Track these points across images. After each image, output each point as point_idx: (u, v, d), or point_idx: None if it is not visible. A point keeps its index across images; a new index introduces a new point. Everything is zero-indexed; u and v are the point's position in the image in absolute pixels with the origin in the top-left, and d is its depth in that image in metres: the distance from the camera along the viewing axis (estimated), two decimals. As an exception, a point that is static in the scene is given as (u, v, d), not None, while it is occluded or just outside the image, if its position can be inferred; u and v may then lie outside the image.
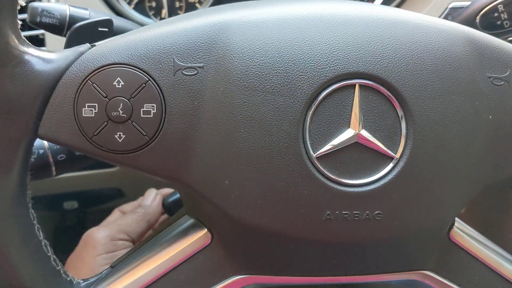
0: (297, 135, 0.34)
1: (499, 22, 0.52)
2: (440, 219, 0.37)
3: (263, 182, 0.34)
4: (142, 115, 0.34)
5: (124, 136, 0.34)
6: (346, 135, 0.34)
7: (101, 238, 0.54)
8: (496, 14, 0.52)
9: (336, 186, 0.34)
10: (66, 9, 0.45)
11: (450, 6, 0.71)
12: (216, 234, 0.38)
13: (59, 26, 0.44)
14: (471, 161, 0.37)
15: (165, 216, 0.64)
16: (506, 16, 0.52)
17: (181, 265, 0.37)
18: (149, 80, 0.34)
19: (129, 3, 0.77)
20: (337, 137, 0.34)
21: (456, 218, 0.41)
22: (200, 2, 0.79)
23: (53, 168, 0.46)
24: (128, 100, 0.34)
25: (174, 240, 0.38)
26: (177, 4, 0.79)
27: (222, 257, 0.38)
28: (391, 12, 0.36)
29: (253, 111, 0.34)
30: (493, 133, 0.38)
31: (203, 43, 0.34)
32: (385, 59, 0.34)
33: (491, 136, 0.37)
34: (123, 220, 0.58)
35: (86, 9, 0.47)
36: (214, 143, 0.34)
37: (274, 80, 0.34)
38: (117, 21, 0.45)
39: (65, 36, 0.44)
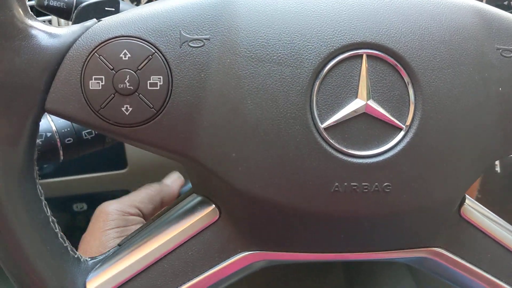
0: (304, 106, 0.33)
1: (506, 2, 0.52)
2: (450, 193, 0.37)
3: (270, 154, 0.34)
4: (148, 87, 0.34)
5: (131, 108, 0.34)
6: (354, 105, 0.34)
7: (112, 212, 0.53)
8: (503, -4, 0.52)
9: (344, 157, 0.34)
10: (73, -8, 0.45)
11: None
12: (224, 210, 0.37)
13: (66, 10, 0.44)
14: (481, 134, 0.36)
15: None
16: (513, -2, 0.52)
17: (189, 241, 0.37)
18: (156, 52, 0.34)
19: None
20: (344, 108, 0.34)
21: (467, 196, 0.41)
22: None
23: (61, 152, 0.46)
24: (135, 72, 0.34)
25: (181, 217, 0.38)
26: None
27: (231, 233, 0.37)
28: None
29: (259, 83, 0.33)
30: (502, 106, 0.37)
31: (209, 15, 0.34)
32: (393, 29, 0.34)
33: (501, 108, 0.37)
34: (137, 194, 0.57)
35: (93, -8, 0.47)
36: (221, 115, 0.34)
37: (280, 50, 0.33)
38: (123, 5, 0.45)
39: (71, 20, 0.44)
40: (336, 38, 0.34)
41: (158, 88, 0.34)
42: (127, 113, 0.34)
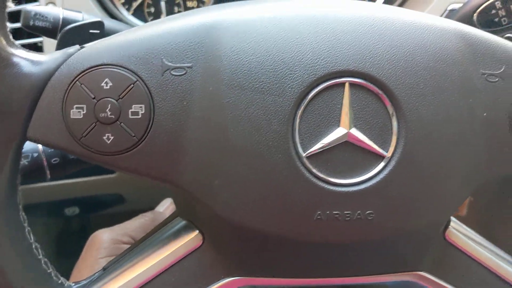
0: (286, 134, 0.33)
1: (496, 19, 0.52)
2: (434, 219, 0.36)
3: (253, 182, 0.34)
4: (130, 116, 0.34)
5: (112, 137, 0.34)
6: (336, 134, 0.34)
7: (105, 241, 0.53)
8: (493, 11, 0.52)
9: (326, 186, 0.34)
10: (59, 13, 0.45)
11: (449, 8, 0.71)
12: (207, 235, 0.37)
13: (52, 30, 0.44)
14: (466, 160, 0.36)
15: None
16: (503, 13, 0.52)
17: (172, 267, 0.37)
18: (137, 80, 0.34)
19: (128, 9, 0.78)
20: (327, 136, 0.34)
21: (452, 218, 0.41)
22: (198, 7, 0.79)
23: (48, 172, 0.46)
24: (116, 101, 0.33)
25: (166, 242, 0.38)
26: (176, 9, 0.79)
27: (214, 259, 0.37)
28: (382, 9, 0.36)
29: (242, 111, 0.33)
30: (488, 131, 0.37)
31: (191, 43, 0.34)
32: (375, 56, 0.34)
33: (486, 133, 0.37)
34: (130, 223, 0.57)
35: (79, 12, 0.47)
36: (203, 143, 0.34)
37: (263, 79, 0.33)
38: (109, 23, 0.45)
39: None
40: (318, 66, 0.33)
41: (139, 116, 0.34)
42: (108, 142, 0.34)
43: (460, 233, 0.40)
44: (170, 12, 0.79)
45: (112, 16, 0.75)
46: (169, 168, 0.34)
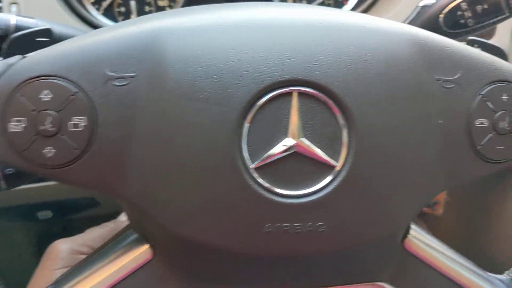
0: (233, 145, 0.32)
1: (463, 21, 0.51)
2: (388, 230, 0.36)
3: (200, 195, 0.33)
4: (71, 128, 0.33)
5: (54, 150, 0.33)
6: (285, 144, 0.33)
7: (62, 251, 0.52)
8: (459, 13, 0.51)
9: (275, 198, 0.33)
10: (10, 19, 0.44)
11: (421, 4, 0.70)
12: (158, 249, 0.36)
13: (3, 37, 0.43)
14: (421, 169, 0.35)
15: None
16: (470, 14, 0.51)
17: (122, 282, 0.36)
18: (79, 91, 0.32)
19: (98, 9, 0.76)
20: (275, 147, 0.33)
21: (413, 226, 0.40)
22: (170, 6, 0.78)
23: (2, 182, 0.45)
24: (57, 113, 0.32)
25: (117, 255, 0.37)
26: (147, 8, 0.78)
27: (165, 273, 0.36)
28: (331, 15, 0.35)
29: (187, 121, 0.32)
30: (444, 138, 0.36)
31: (134, 52, 0.33)
32: (324, 64, 0.33)
33: (442, 141, 0.36)
34: (90, 233, 0.55)
35: (33, 18, 0.45)
36: (148, 155, 0.33)
37: (208, 88, 0.32)
38: (60, 29, 0.43)
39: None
40: (265, 75, 0.32)
41: (81, 128, 0.33)
42: (50, 155, 0.33)
43: (420, 241, 0.40)
44: (140, 11, 0.77)
45: (81, 17, 0.74)
46: (114, 181, 0.33)
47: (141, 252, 0.36)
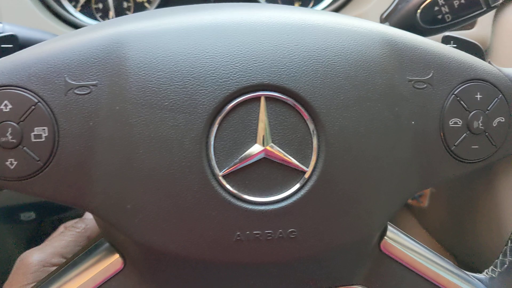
0: (200, 153, 0.32)
1: (440, 16, 0.50)
2: (362, 234, 0.35)
3: (167, 205, 0.32)
4: (33, 140, 0.32)
5: (16, 162, 0.32)
6: (253, 150, 0.32)
7: (32, 265, 0.48)
8: (436, 8, 0.50)
9: (244, 205, 0.32)
10: (-25, 23, 0.43)
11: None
12: (128, 258, 0.36)
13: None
14: (394, 172, 0.35)
15: None
16: (447, 10, 0.50)
17: None
18: (39, 101, 0.32)
19: (75, 6, 0.75)
20: (243, 153, 0.32)
21: (389, 227, 0.39)
22: (149, 2, 0.77)
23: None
24: (17, 124, 0.31)
25: (87, 266, 0.36)
26: (125, 4, 0.76)
27: (135, 283, 0.36)
28: (300, 16, 0.34)
29: (152, 130, 0.31)
30: (416, 140, 0.36)
31: (95, 59, 0.32)
32: (291, 68, 0.32)
33: (415, 143, 0.36)
34: (59, 240, 0.52)
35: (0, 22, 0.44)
36: (113, 165, 0.32)
37: (172, 96, 0.31)
38: (29, 33, 0.42)
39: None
40: (231, 81, 0.32)
41: (43, 139, 0.32)
42: (12, 167, 0.32)
43: (397, 243, 0.39)
44: (118, 7, 0.76)
45: (57, 15, 0.72)
46: (78, 192, 0.33)
47: (112, 262, 0.36)
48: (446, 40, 0.45)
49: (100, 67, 0.32)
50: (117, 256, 0.36)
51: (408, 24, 0.51)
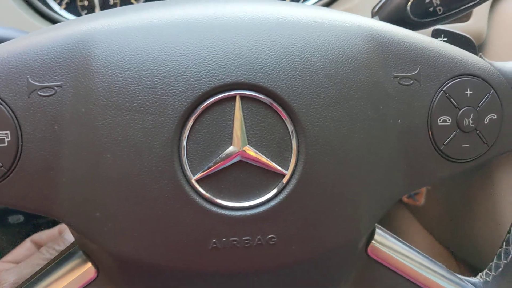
0: (171, 157, 0.30)
1: (431, 9, 0.48)
2: (346, 238, 0.33)
3: (137, 212, 0.30)
4: None
5: None
6: (228, 153, 0.30)
7: (7, 285, 0.45)
8: (427, 0, 0.48)
9: (220, 211, 0.31)
10: None
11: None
12: (101, 268, 0.34)
13: None
14: (379, 173, 0.33)
15: None
16: (438, 2, 0.48)
17: None
18: (0, 104, 0.30)
19: (59, 4, 0.73)
20: (218, 156, 0.30)
21: (377, 230, 0.38)
22: (135, -1, 0.75)
23: None
24: None
25: (60, 274, 0.35)
26: (111, 1, 0.74)
27: None
28: (278, 10, 0.32)
29: (119, 133, 0.30)
30: (403, 140, 0.34)
31: (59, 59, 0.30)
32: (268, 65, 0.30)
33: (401, 143, 0.34)
34: (38, 259, 0.48)
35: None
36: (79, 171, 0.30)
37: (141, 97, 0.30)
38: (3, 32, 0.40)
39: None
40: (203, 79, 0.30)
41: (5, 144, 0.30)
42: None
43: (385, 246, 0.37)
44: (104, 4, 0.74)
45: (41, 13, 0.70)
46: (44, 200, 0.31)
47: (85, 271, 0.34)
48: (436, 34, 0.43)
49: (64, 66, 0.30)
50: (90, 265, 0.34)
51: (399, 17, 0.49)
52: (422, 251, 0.39)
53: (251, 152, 0.31)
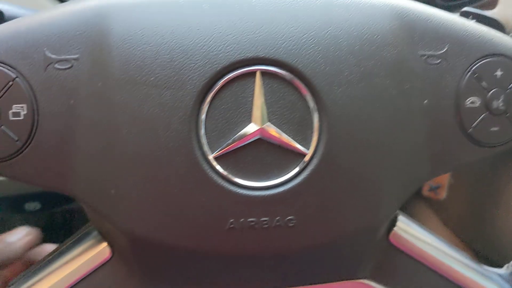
0: (189, 134, 0.29)
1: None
2: (368, 223, 0.32)
3: (153, 190, 0.29)
4: (11, 118, 0.29)
5: None
6: (248, 130, 0.30)
7: None
8: (454, -17, 0.46)
9: (238, 190, 0.30)
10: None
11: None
12: (116, 248, 0.33)
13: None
14: (403, 156, 0.32)
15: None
16: (465, -16, 0.46)
17: (79, 284, 0.33)
18: (17, 76, 0.29)
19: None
20: (237, 134, 0.30)
21: (400, 217, 0.36)
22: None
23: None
24: None
25: (74, 254, 0.34)
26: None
27: (124, 274, 0.33)
28: None
29: (136, 109, 0.29)
30: (429, 121, 0.32)
31: (77, 32, 0.30)
32: (289, 40, 0.29)
33: (427, 124, 0.32)
34: None
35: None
36: (95, 147, 0.30)
37: (158, 71, 0.29)
38: (18, 12, 0.40)
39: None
40: (223, 54, 0.29)
41: (22, 118, 0.29)
42: None
43: (408, 233, 0.36)
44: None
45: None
46: (60, 176, 0.30)
47: (99, 251, 0.33)
48: (464, 15, 0.41)
49: (81, 39, 0.29)
50: (105, 244, 0.33)
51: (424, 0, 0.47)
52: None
53: (272, 130, 0.30)
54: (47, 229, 0.77)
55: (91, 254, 0.33)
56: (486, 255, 0.81)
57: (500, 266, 0.40)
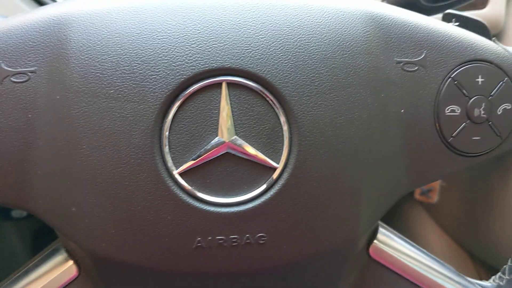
0: (152, 148, 0.28)
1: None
2: (344, 238, 0.31)
3: (115, 208, 0.28)
4: None
5: None
6: (214, 144, 0.28)
7: None
8: (439, -17, 0.45)
9: (205, 207, 0.28)
10: None
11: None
12: (82, 266, 0.32)
13: None
14: (380, 167, 0.30)
15: None
16: (451, -16, 0.45)
17: None
18: None
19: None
20: (203, 147, 0.28)
21: (381, 228, 0.35)
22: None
23: None
24: None
25: (40, 272, 0.33)
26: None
27: None
28: None
29: (95, 123, 0.28)
30: (407, 131, 0.31)
31: (34, 42, 0.28)
32: (257, 49, 0.28)
33: (405, 134, 0.31)
34: None
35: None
36: (54, 163, 0.28)
37: (119, 83, 0.27)
38: None
39: None
40: (186, 64, 0.28)
41: None
42: None
43: (388, 246, 0.35)
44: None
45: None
46: (19, 193, 0.29)
47: (66, 269, 0.32)
48: (447, 18, 0.40)
49: (39, 51, 0.28)
50: (71, 263, 0.32)
51: (408, 1, 0.46)
52: (437, 251, 0.36)
53: (239, 143, 0.28)
54: (36, 236, 0.76)
55: (58, 272, 0.32)
56: (481, 257, 0.79)
57: (494, 268, 0.38)
